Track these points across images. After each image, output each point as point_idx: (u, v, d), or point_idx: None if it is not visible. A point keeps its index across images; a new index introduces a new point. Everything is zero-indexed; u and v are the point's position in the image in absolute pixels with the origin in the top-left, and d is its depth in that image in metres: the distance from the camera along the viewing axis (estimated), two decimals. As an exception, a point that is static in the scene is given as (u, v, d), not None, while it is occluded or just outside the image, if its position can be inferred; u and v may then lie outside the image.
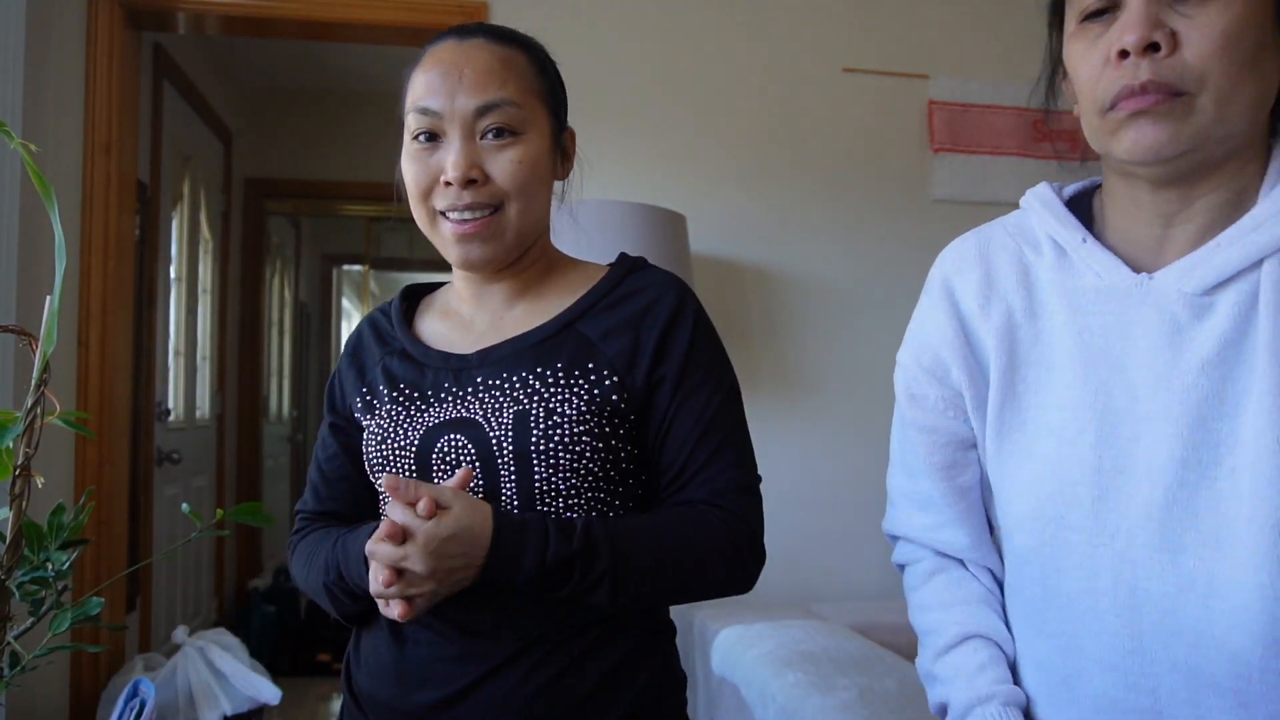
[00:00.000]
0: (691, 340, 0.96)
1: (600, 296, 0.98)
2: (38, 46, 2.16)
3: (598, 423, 0.91)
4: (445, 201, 0.93)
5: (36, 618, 0.75)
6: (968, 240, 1.01)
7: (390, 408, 0.97)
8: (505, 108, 0.93)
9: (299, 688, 3.51)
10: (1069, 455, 0.80)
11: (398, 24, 2.52)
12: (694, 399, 0.94)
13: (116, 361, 2.41)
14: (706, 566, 0.91)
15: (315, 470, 1.08)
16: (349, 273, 6.30)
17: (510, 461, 0.89)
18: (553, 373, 0.92)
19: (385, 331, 1.06)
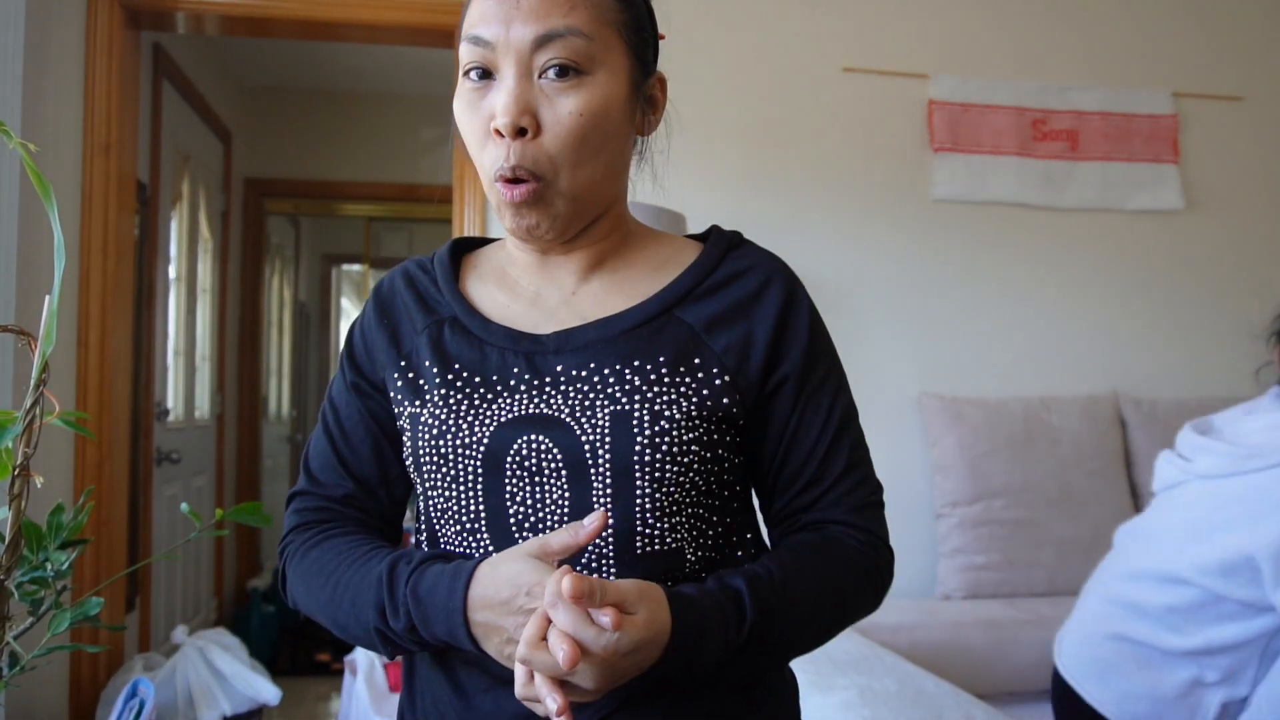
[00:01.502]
0: (811, 332, 0.83)
1: (702, 277, 0.83)
2: (37, 46, 2.15)
3: (706, 430, 0.77)
4: (494, 161, 0.77)
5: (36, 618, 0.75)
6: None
7: (446, 393, 0.80)
8: (570, 38, 0.75)
9: (299, 688, 3.51)
10: None
11: (398, 24, 2.52)
12: (819, 401, 0.82)
13: (116, 361, 2.41)
14: (856, 605, 0.81)
15: (327, 448, 0.88)
16: (349, 273, 6.30)
17: (606, 473, 0.75)
18: (654, 368, 0.78)
19: (427, 292, 0.87)
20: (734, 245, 0.86)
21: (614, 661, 0.64)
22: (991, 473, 2.47)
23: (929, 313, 2.67)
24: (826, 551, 0.79)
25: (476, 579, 0.71)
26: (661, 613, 0.68)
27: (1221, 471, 1.36)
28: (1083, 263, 2.77)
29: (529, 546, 0.71)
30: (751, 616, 0.72)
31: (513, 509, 0.77)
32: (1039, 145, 2.76)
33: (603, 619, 0.64)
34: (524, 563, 0.70)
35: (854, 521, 0.82)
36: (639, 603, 0.67)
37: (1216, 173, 2.88)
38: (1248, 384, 2.87)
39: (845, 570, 0.79)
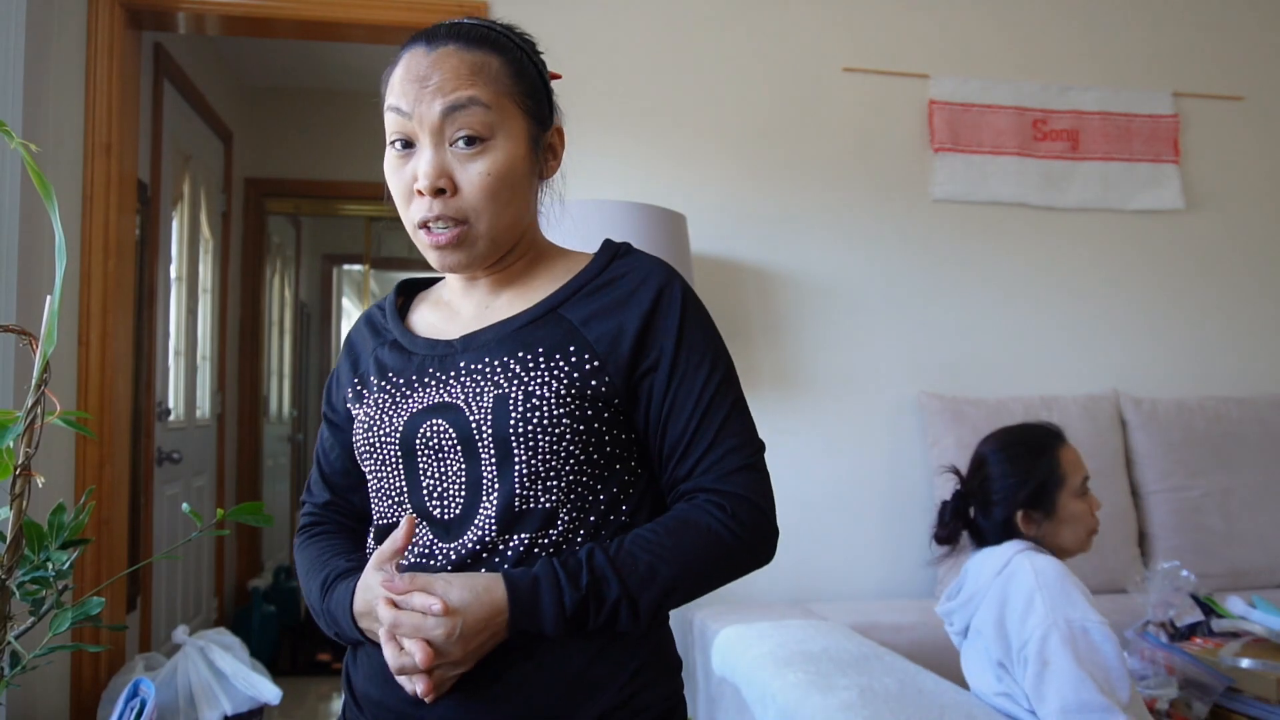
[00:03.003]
0: (681, 322, 0.96)
1: (585, 282, 0.98)
2: (38, 46, 2.16)
3: (578, 405, 0.91)
4: (419, 212, 0.94)
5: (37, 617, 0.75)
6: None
7: (378, 396, 0.99)
8: (472, 108, 0.92)
9: (299, 688, 3.51)
10: None
11: (398, 24, 2.52)
12: (690, 382, 0.95)
13: (117, 361, 2.41)
14: (717, 563, 0.93)
15: (317, 465, 1.12)
16: (349, 273, 6.30)
17: (490, 445, 0.90)
18: (533, 357, 0.93)
19: (379, 324, 1.07)
20: (619, 255, 1.01)
21: (459, 637, 0.83)
22: (992, 473, 2.47)
23: (929, 313, 2.67)
24: (682, 523, 0.92)
25: (356, 595, 0.92)
26: (485, 588, 0.86)
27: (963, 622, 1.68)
28: (1083, 263, 2.77)
29: (371, 563, 0.91)
30: (585, 579, 0.86)
31: (425, 483, 0.94)
32: (1039, 145, 2.76)
33: (433, 606, 0.83)
34: (371, 576, 0.90)
35: (718, 487, 0.94)
36: (451, 580, 0.86)
37: (1216, 173, 2.88)
38: (1247, 384, 2.87)
39: (695, 539, 0.91)
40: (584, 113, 2.59)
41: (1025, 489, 1.64)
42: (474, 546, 0.90)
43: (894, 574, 2.58)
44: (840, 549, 2.55)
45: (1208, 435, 2.63)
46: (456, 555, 0.90)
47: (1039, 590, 1.49)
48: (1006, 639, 1.53)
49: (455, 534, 0.91)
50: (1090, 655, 1.45)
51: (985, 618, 1.58)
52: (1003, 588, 1.56)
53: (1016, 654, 1.52)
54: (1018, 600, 1.51)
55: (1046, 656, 1.46)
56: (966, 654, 1.68)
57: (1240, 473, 2.62)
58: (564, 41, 2.53)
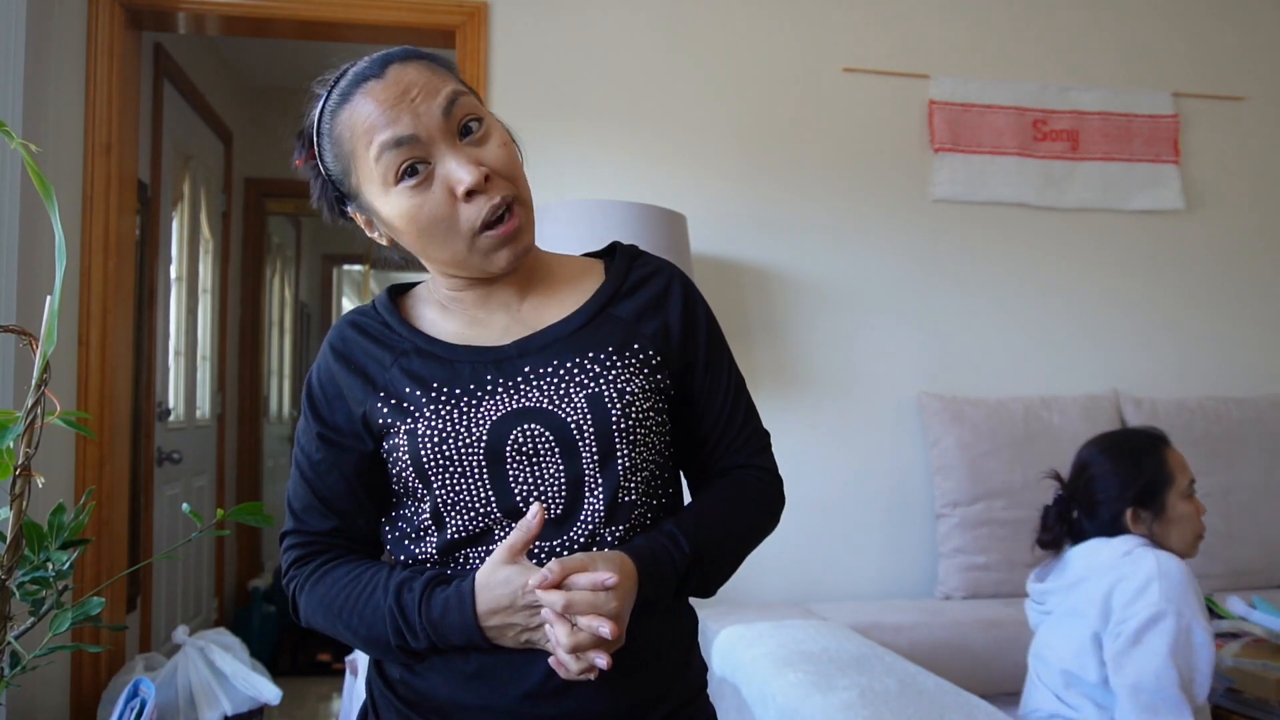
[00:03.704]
0: (707, 319, 1.03)
1: (619, 283, 1.01)
2: (38, 46, 2.16)
3: (655, 399, 0.96)
4: (480, 212, 0.89)
5: (37, 618, 0.75)
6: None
7: (435, 408, 0.92)
8: (460, 98, 0.91)
9: (299, 688, 3.51)
10: None
11: (398, 24, 2.52)
12: (719, 375, 1.03)
13: (117, 361, 2.41)
14: (762, 525, 1.04)
15: (304, 488, 0.99)
16: (349, 273, 6.30)
17: (593, 444, 0.91)
18: (606, 355, 0.94)
19: (379, 333, 0.99)
20: (636, 255, 1.05)
21: (621, 603, 0.83)
22: (991, 473, 2.47)
23: (929, 313, 2.67)
24: (739, 490, 1.02)
25: (479, 595, 0.86)
26: (622, 561, 0.87)
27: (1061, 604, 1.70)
28: (1083, 263, 2.77)
29: (500, 554, 0.86)
30: (686, 547, 0.92)
31: (518, 489, 0.91)
32: (1039, 145, 2.76)
33: (608, 580, 0.82)
34: (507, 569, 0.86)
35: (754, 463, 1.04)
36: (594, 559, 0.85)
37: (1216, 173, 2.87)
38: (1247, 384, 2.87)
39: (752, 502, 1.03)
40: (584, 112, 2.59)
41: (1134, 487, 1.64)
42: (584, 540, 0.91)
43: (894, 574, 2.58)
44: (840, 549, 2.55)
45: (1208, 435, 2.63)
46: (564, 550, 0.90)
47: (1158, 578, 1.51)
48: (1109, 613, 1.55)
49: (559, 531, 0.91)
50: (1185, 653, 1.48)
51: (1093, 595, 1.59)
52: (1119, 567, 1.57)
53: (1113, 627, 1.54)
54: (1134, 581, 1.53)
55: (1142, 637, 1.49)
56: (1053, 632, 1.69)
57: (1240, 473, 2.62)
58: (564, 41, 2.53)
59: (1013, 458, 2.48)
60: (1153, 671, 1.46)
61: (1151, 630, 1.48)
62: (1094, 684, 1.58)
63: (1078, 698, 1.61)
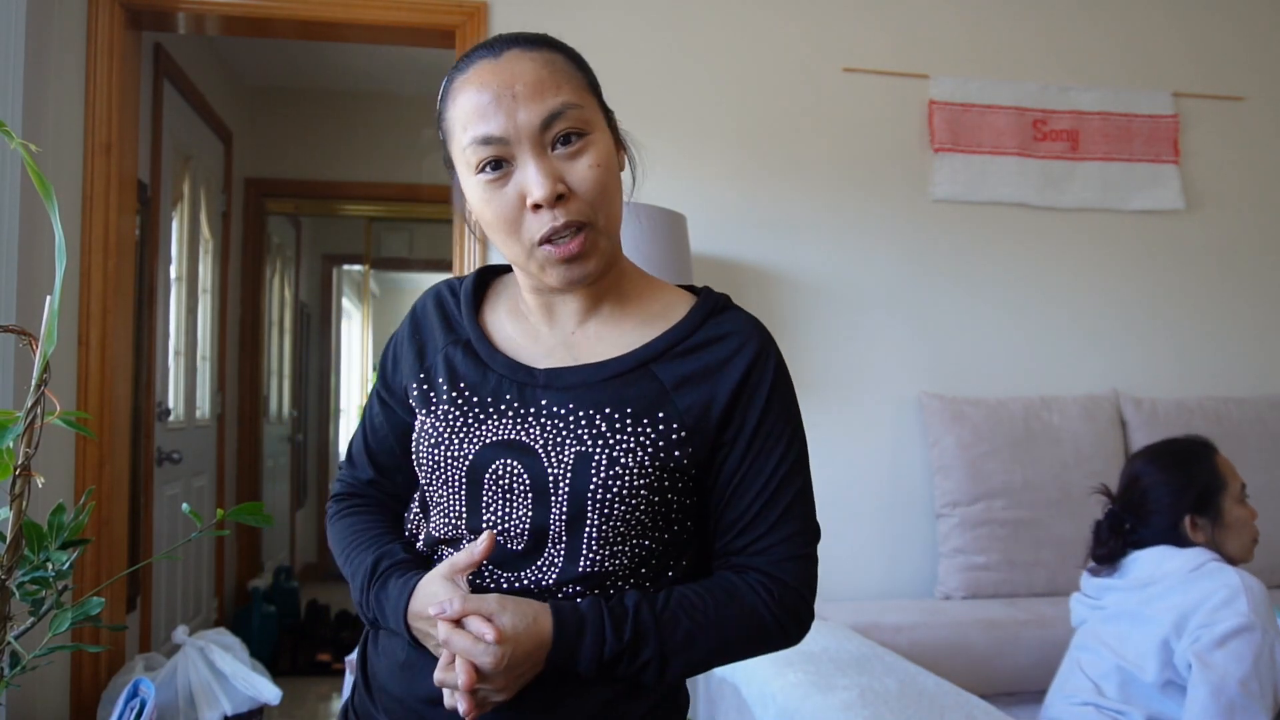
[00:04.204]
0: (768, 400, 0.93)
1: (679, 339, 0.94)
2: (38, 46, 2.16)
3: (658, 476, 0.89)
4: (542, 228, 0.87)
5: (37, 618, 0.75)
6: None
7: (447, 409, 0.94)
8: (568, 112, 0.88)
9: (299, 688, 3.51)
10: None
11: (398, 24, 2.52)
12: (763, 462, 0.93)
13: (116, 361, 2.41)
14: (752, 642, 0.93)
15: (361, 439, 1.07)
16: (349, 273, 6.30)
17: (564, 501, 0.88)
18: (621, 417, 0.90)
19: (452, 314, 1.02)
20: (717, 310, 0.97)
21: (506, 666, 0.82)
22: (991, 473, 2.47)
23: (929, 313, 2.67)
24: (729, 597, 0.91)
25: (414, 597, 0.89)
26: (534, 618, 0.85)
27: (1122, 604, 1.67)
28: (1083, 263, 2.77)
29: (443, 568, 0.89)
30: (629, 633, 0.86)
31: (486, 515, 0.91)
32: (1039, 145, 2.76)
33: (486, 635, 0.81)
34: (439, 584, 0.88)
35: (771, 572, 0.93)
36: (505, 606, 0.85)
37: (1216, 173, 2.87)
38: (1247, 384, 2.87)
39: (743, 614, 0.91)
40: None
41: (1189, 494, 1.64)
42: (529, 587, 0.90)
43: (894, 574, 2.58)
44: (840, 549, 2.55)
45: (1207, 435, 2.62)
46: (508, 589, 0.90)
47: (1245, 591, 1.52)
48: (1186, 620, 1.54)
49: (513, 567, 0.90)
50: (1269, 668, 1.49)
51: (1164, 602, 1.58)
52: (1199, 580, 1.56)
53: (1193, 631, 1.53)
54: (1219, 592, 1.53)
55: (1229, 642, 1.49)
56: (1109, 627, 1.68)
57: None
58: (564, 41, 2.53)
59: (1013, 458, 2.48)
60: (1238, 676, 1.47)
61: (1239, 638, 1.49)
62: (1150, 685, 1.58)
63: (1124, 695, 1.61)
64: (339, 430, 6.00)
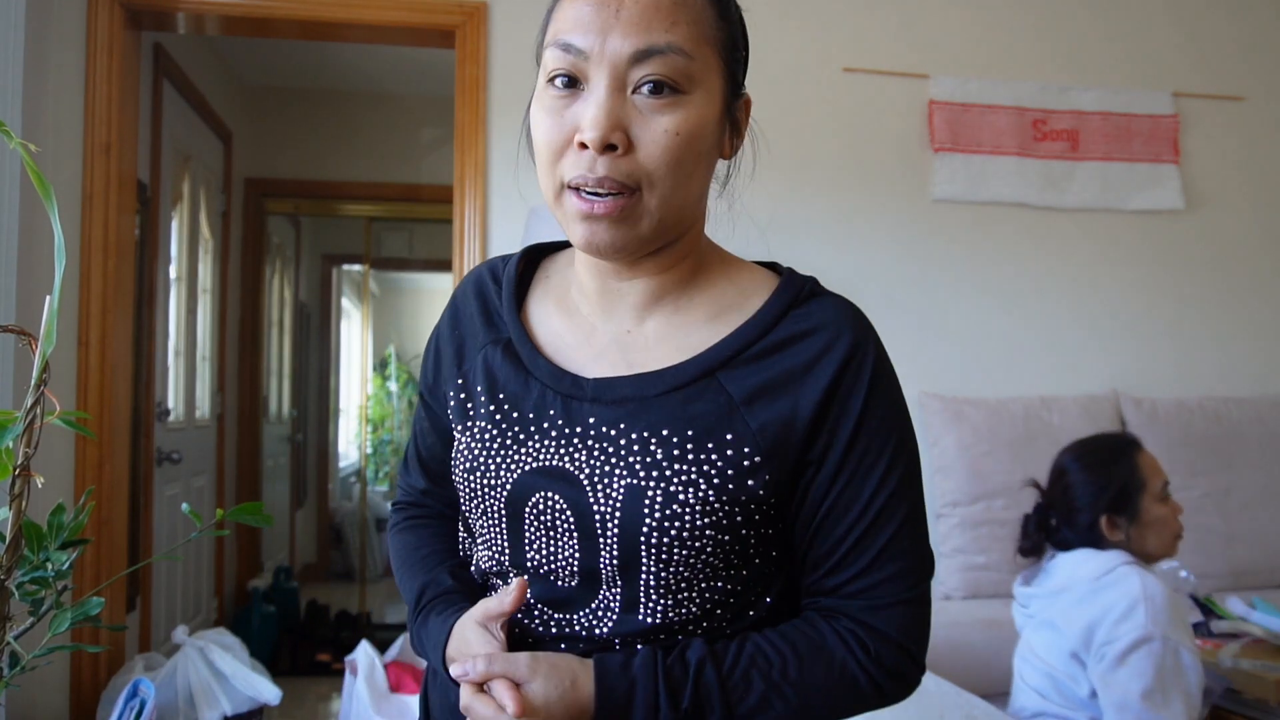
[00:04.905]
0: (864, 408, 0.75)
1: (755, 337, 0.77)
2: (38, 46, 2.16)
3: (726, 513, 0.73)
4: (575, 170, 0.72)
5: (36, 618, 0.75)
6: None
7: (484, 426, 0.81)
8: (670, 56, 0.71)
9: (299, 688, 3.51)
10: None
11: (398, 24, 2.52)
12: (858, 485, 0.76)
13: (116, 361, 2.41)
14: (841, 705, 0.76)
15: (413, 443, 0.96)
16: (349, 273, 6.30)
17: (614, 543, 0.74)
18: (680, 441, 0.74)
19: (492, 304, 0.87)
20: (800, 299, 0.80)
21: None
22: (991, 473, 2.47)
23: (929, 313, 2.67)
24: (815, 651, 0.75)
25: (451, 639, 0.80)
26: (572, 683, 0.72)
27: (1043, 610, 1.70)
28: (1083, 263, 2.77)
29: (477, 613, 0.77)
30: (688, 701, 0.72)
31: (530, 554, 0.79)
32: (1039, 145, 2.76)
33: (508, 706, 0.70)
34: (473, 631, 0.77)
35: (869, 622, 0.76)
36: (538, 670, 0.72)
37: (1216, 173, 2.87)
38: (1247, 384, 2.87)
39: (825, 677, 0.75)
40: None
41: (1107, 493, 1.66)
42: (583, 634, 0.77)
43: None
44: (840, 549, 2.55)
45: (1208, 435, 2.63)
46: (559, 633, 0.78)
47: (1144, 601, 1.52)
48: (1091, 634, 1.56)
49: (566, 608, 0.77)
50: (1174, 676, 1.49)
51: (1072, 612, 1.60)
52: (1103, 590, 1.58)
53: (1097, 648, 1.55)
54: (1119, 604, 1.54)
55: (1128, 658, 1.50)
56: (1037, 636, 1.71)
57: (1240, 473, 2.62)
58: None
59: (1013, 458, 2.48)
60: (1139, 691, 1.48)
61: (1137, 652, 1.50)
62: (1084, 699, 1.60)
63: (1065, 701, 1.63)
64: (339, 430, 6.00)
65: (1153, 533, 1.66)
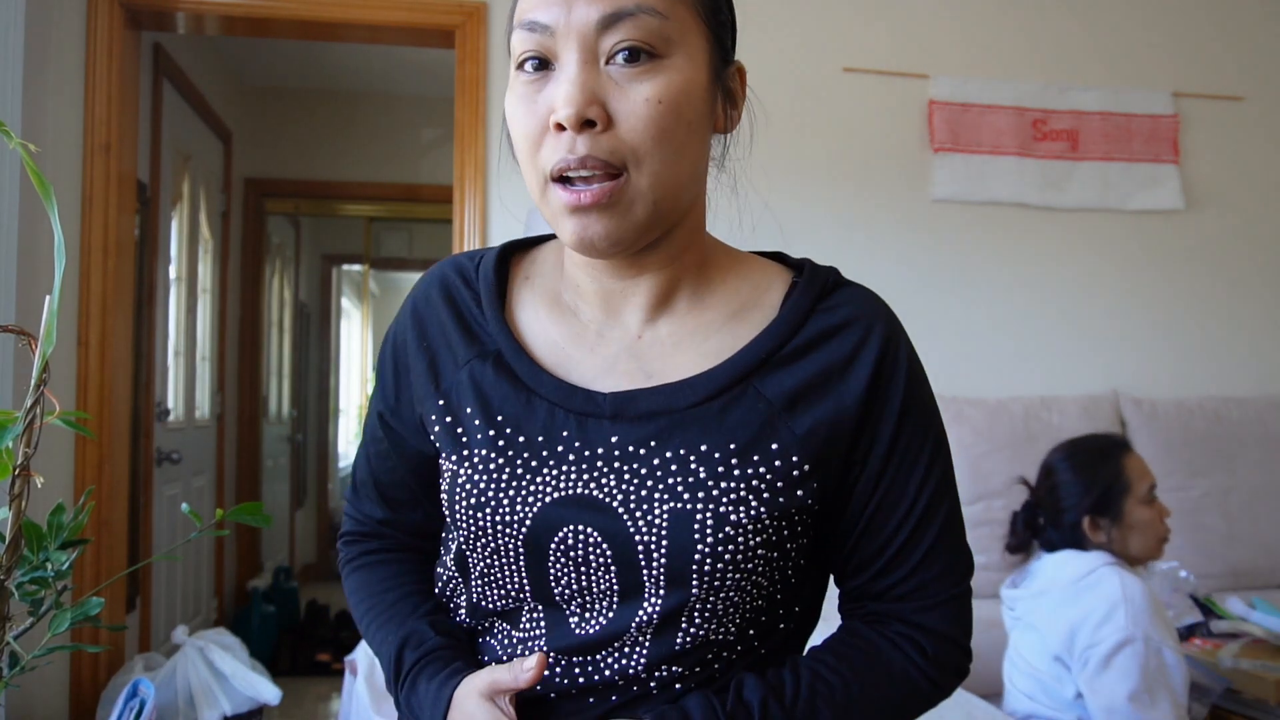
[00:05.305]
0: (905, 401, 0.72)
1: (786, 336, 0.71)
2: (37, 46, 2.16)
3: (776, 528, 0.69)
4: (555, 155, 0.66)
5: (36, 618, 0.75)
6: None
7: (486, 454, 0.72)
8: (641, 17, 0.65)
9: (299, 688, 3.51)
10: None
11: (398, 24, 2.52)
12: (903, 483, 0.72)
13: (116, 361, 2.41)
14: (905, 711, 0.74)
15: (366, 466, 0.85)
16: (349, 273, 6.30)
17: (660, 575, 0.67)
18: (723, 456, 0.68)
19: (470, 314, 0.77)
20: (825, 292, 0.74)
21: None
22: (991, 473, 2.47)
23: (929, 312, 2.67)
24: (872, 664, 0.73)
25: (451, 712, 0.70)
26: None
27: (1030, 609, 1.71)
28: (1083, 263, 2.77)
29: (482, 684, 0.70)
30: None
31: (558, 589, 0.71)
32: (1039, 145, 2.76)
33: None
34: (481, 705, 0.69)
35: (919, 621, 0.74)
36: None
37: (1216, 173, 2.88)
38: (1247, 384, 2.87)
39: (887, 689, 0.72)
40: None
41: (1091, 495, 1.66)
42: (613, 675, 0.70)
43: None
44: (840, 549, 2.55)
45: (1208, 435, 2.63)
46: (585, 681, 0.71)
47: (1124, 603, 1.52)
48: (1073, 638, 1.56)
49: (589, 655, 0.71)
50: (1158, 675, 1.50)
51: (1054, 616, 1.61)
52: (1083, 592, 1.58)
53: (1080, 652, 1.55)
54: (1099, 607, 1.54)
55: (1112, 661, 1.50)
56: (1023, 638, 1.72)
57: (1240, 473, 2.62)
58: None
59: (1012, 458, 2.48)
60: (1125, 693, 1.49)
61: (1121, 654, 1.50)
62: (1069, 700, 1.60)
63: (1052, 702, 1.64)
64: (338, 430, 6.00)
65: (1136, 535, 1.66)
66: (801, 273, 0.76)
